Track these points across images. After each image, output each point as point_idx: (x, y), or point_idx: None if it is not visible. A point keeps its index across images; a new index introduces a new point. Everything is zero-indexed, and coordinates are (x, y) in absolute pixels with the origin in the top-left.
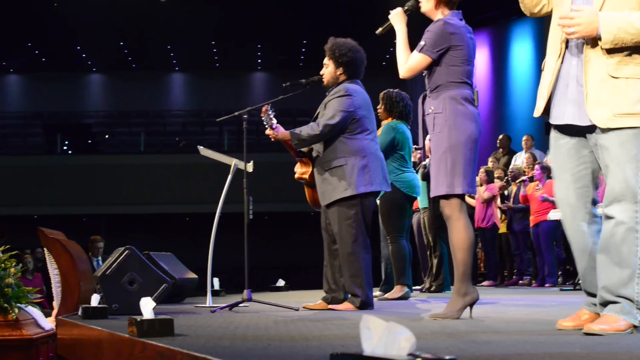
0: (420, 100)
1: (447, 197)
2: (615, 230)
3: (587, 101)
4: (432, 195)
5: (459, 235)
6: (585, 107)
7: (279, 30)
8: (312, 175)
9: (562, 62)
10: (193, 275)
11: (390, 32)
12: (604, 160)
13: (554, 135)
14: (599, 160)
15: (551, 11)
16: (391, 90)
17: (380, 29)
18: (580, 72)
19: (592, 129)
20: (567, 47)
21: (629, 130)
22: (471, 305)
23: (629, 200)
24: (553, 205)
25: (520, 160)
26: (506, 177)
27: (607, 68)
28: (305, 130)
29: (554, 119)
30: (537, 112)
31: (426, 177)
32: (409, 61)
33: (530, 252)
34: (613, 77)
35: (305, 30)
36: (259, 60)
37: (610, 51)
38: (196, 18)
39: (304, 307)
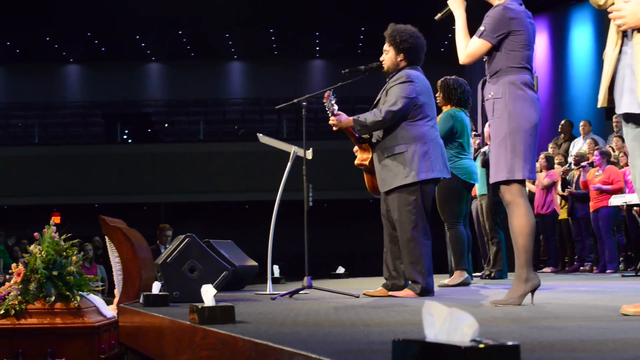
0: (479, 86)
1: (507, 182)
2: None
3: (638, 87)
4: (492, 181)
5: (520, 221)
6: (637, 93)
7: (337, 17)
8: (372, 161)
9: (619, 52)
10: (253, 263)
11: (449, 18)
12: None
13: (622, 123)
14: None
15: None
16: (448, 77)
17: (439, 14)
18: (633, 61)
19: None
20: (623, 37)
21: None
22: (532, 291)
23: None
24: (610, 193)
25: (578, 146)
26: (568, 163)
27: None
28: (368, 117)
29: (616, 109)
30: (600, 102)
31: (486, 164)
32: (468, 47)
33: (592, 238)
34: None
35: (363, 18)
36: (317, 48)
37: None
38: (254, 6)
39: (364, 294)
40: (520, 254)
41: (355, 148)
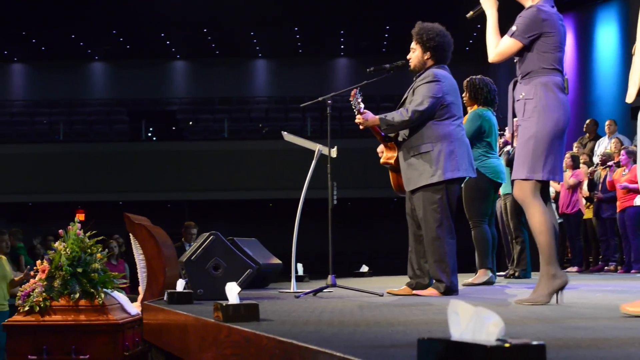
0: (510, 87)
1: (523, 181)
2: None
3: None
4: (512, 178)
5: (536, 219)
6: None
7: (362, 16)
8: (397, 160)
9: None
10: (277, 261)
11: (480, 17)
12: None
13: None
14: None
15: None
16: (474, 77)
17: (471, 12)
18: None
19: None
20: None
21: None
22: (560, 289)
23: None
24: (637, 192)
25: (603, 145)
26: (595, 164)
27: None
28: (395, 116)
29: None
30: (630, 98)
31: (510, 164)
32: (499, 45)
33: (617, 238)
34: None
35: (388, 16)
36: (342, 46)
37: None
38: (279, 4)
39: (388, 293)
40: (543, 252)
41: (381, 147)
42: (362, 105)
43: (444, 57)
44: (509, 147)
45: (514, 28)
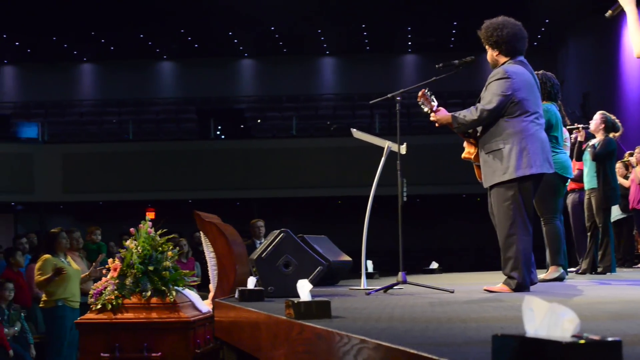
0: None
1: None
2: None
3: None
4: None
5: None
6: None
7: (429, 11)
8: (477, 155)
9: None
10: (347, 258)
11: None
12: None
13: None
14: None
15: None
16: (536, 72)
17: (610, 11)
18: None
19: None
20: None
21: None
22: None
23: None
24: None
25: None
26: None
27: None
28: (466, 114)
29: None
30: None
31: (596, 158)
32: None
33: None
34: None
35: (455, 12)
36: (409, 43)
37: None
38: (346, 1)
39: (485, 290)
40: None
41: (465, 145)
42: (435, 103)
43: (513, 49)
44: (594, 141)
45: None
